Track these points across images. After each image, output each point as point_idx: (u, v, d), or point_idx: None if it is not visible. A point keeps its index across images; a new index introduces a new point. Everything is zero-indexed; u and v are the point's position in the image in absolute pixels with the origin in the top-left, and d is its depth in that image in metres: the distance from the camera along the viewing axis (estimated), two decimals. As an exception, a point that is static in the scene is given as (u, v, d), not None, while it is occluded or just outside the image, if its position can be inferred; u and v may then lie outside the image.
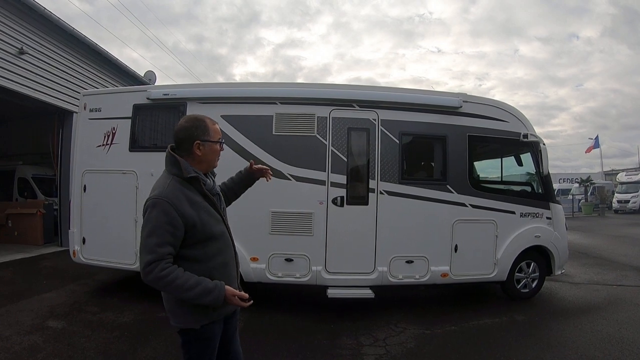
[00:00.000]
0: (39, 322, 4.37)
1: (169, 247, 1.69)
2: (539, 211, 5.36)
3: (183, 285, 1.67)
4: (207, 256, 1.80)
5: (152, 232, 1.68)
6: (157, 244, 1.66)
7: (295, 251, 4.79)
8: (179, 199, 1.73)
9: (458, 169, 5.08)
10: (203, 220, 1.78)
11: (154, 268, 1.65)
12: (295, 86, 5.25)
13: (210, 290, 1.70)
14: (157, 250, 1.66)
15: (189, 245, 1.77)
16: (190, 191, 1.79)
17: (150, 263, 1.65)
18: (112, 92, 6.01)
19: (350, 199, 4.89)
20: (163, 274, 1.64)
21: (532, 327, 4.50)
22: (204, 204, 1.83)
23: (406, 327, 4.42)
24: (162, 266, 1.65)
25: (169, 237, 1.68)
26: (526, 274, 5.43)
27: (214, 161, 1.94)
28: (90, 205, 5.18)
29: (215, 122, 1.94)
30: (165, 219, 1.68)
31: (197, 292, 1.68)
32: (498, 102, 5.41)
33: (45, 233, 9.54)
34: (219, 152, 1.93)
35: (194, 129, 1.84)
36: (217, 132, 1.91)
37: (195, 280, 1.69)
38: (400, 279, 4.90)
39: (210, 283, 1.72)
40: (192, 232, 1.75)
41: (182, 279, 1.67)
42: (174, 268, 1.68)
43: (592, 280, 6.76)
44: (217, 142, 1.90)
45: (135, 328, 4.29)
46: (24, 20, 8.07)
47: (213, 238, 1.83)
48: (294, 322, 4.55)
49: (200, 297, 1.69)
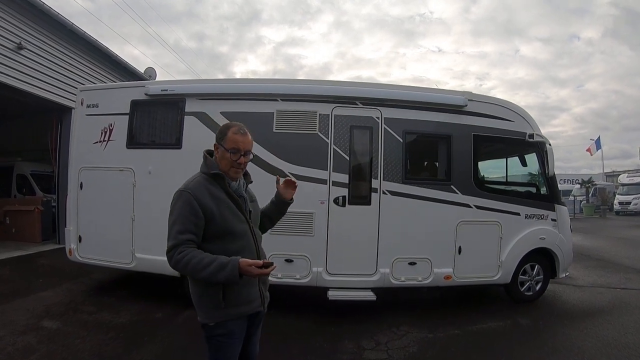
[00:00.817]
0: (34, 322, 4.31)
1: (190, 234, 1.78)
2: (544, 213, 5.28)
3: (199, 264, 1.72)
4: (226, 253, 1.81)
5: (175, 221, 1.80)
6: (178, 231, 1.78)
7: (296, 252, 4.71)
8: (200, 192, 1.84)
9: (462, 169, 5.00)
10: (223, 214, 1.85)
11: (174, 253, 1.76)
12: (297, 83, 5.17)
13: (225, 265, 1.72)
14: (178, 237, 1.77)
15: (209, 238, 1.84)
16: (214, 187, 1.89)
17: (171, 249, 1.77)
18: (109, 88, 5.93)
19: (353, 198, 4.81)
20: (180, 256, 1.74)
21: (536, 331, 4.44)
22: (227, 201, 1.90)
23: (408, 331, 4.35)
24: (180, 249, 1.75)
25: (190, 225, 1.78)
26: (530, 277, 5.35)
27: (225, 167, 1.94)
28: (87, 203, 5.09)
29: (240, 134, 1.93)
30: (187, 208, 1.80)
31: (212, 269, 1.72)
32: (504, 101, 5.34)
33: (43, 230, 9.43)
34: (230, 161, 1.92)
35: (219, 132, 1.97)
36: (232, 141, 1.91)
37: (211, 258, 1.74)
38: (402, 281, 4.82)
39: (224, 259, 1.74)
40: (212, 224, 1.82)
41: (197, 258, 1.73)
42: (190, 250, 1.76)
43: (596, 283, 6.70)
44: (227, 150, 1.91)
45: (131, 329, 4.22)
46: (22, 15, 7.97)
47: (233, 235, 1.88)
48: (295, 324, 4.47)
49: (216, 274, 1.72)
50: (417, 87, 5.31)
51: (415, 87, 5.28)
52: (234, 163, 1.92)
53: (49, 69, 8.66)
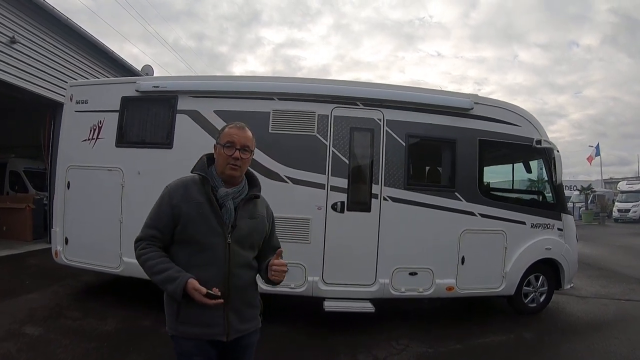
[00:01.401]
0: (15, 328, 4.13)
1: (155, 230, 1.74)
2: (550, 222, 5.12)
3: (153, 267, 1.68)
4: (188, 264, 1.70)
5: (149, 213, 1.80)
6: (146, 225, 1.78)
7: (290, 260, 4.35)
8: (177, 190, 1.77)
9: (467, 175, 4.82)
10: (191, 219, 1.71)
11: (137, 246, 1.75)
12: (295, 81, 4.97)
13: (173, 279, 1.62)
14: (145, 230, 1.77)
15: (176, 243, 1.77)
16: (195, 190, 1.76)
17: (137, 241, 1.77)
18: (100, 84, 5.73)
19: (351, 204, 4.61)
20: (141, 252, 1.72)
21: (541, 346, 4.31)
22: (204, 206, 1.73)
23: (408, 345, 4.17)
24: (143, 245, 1.73)
25: (158, 221, 1.74)
26: (534, 288, 5.19)
27: (221, 166, 1.79)
28: (74, 203, 4.88)
29: (235, 128, 1.81)
30: (160, 203, 1.77)
31: (162, 277, 1.64)
32: (511, 104, 5.17)
33: (34, 229, 9.25)
34: (225, 157, 1.76)
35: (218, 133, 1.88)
36: (227, 135, 1.79)
37: (165, 266, 1.67)
38: (402, 291, 4.63)
39: (176, 272, 1.64)
40: (180, 226, 1.73)
41: (154, 261, 1.69)
42: (152, 249, 1.72)
43: (599, 294, 6.60)
44: (222, 145, 1.77)
45: (116, 338, 4.03)
46: (16, 8, 7.83)
47: (198, 245, 1.72)
48: (289, 335, 4.28)
49: (164, 283, 1.64)
50: (422, 88, 5.15)
51: (420, 88, 5.12)
52: (229, 159, 1.74)
53: (42, 64, 8.51)
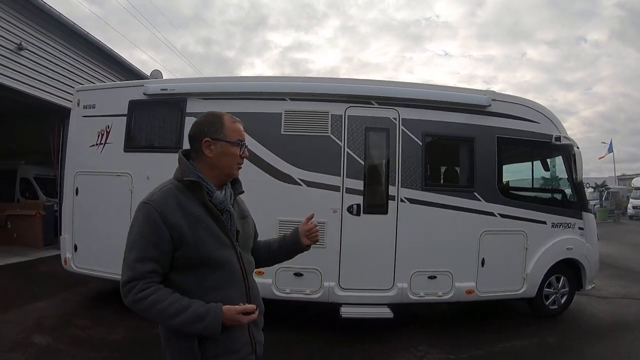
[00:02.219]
0: (23, 337, 4.05)
1: (152, 263, 1.35)
2: (571, 221, 4.96)
3: (166, 310, 1.31)
4: (202, 288, 1.40)
5: (133, 244, 1.37)
6: (136, 259, 1.35)
7: (306, 265, 4.35)
8: (168, 206, 1.39)
9: (486, 175, 4.67)
10: (198, 237, 1.39)
11: (131, 289, 1.32)
12: (307, 81, 4.84)
13: (203, 315, 1.32)
14: (136, 266, 1.34)
15: (179, 268, 1.40)
16: (189, 199, 1.43)
17: (128, 282, 1.34)
18: (107, 88, 5.66)
19: (368, 207, 4.47)
20: (140, 296, 1.31)
21: (565, 350, 4.18)
22: (205, 219, 1.43)
23: (428, 351, 4.03)
24: (141, 287, 1.32)
25: (152, 250, 1.35)
26: (556, 289, 5.03)
27: (229, 167, 1.53)
28: (83, 210, 4.82)
29: (238, 121, 1.56)
30: (148, 228, 1.36)
31: (185, 318, 1.32)
32: (529, 101, 5.02)
33: (45, 236, 9.20)
34: (237, 157, 1.52)
35: (206, 124, 1.52)
36: (236, 131, 1.53)
37: (182, 304, 1.33)
38: (421, 296, 4.48)
39: (202, 306, 1.34)
40: (183, 250, 1.38)
41: (165, 302, 1.32)
42: (155, 289, 1.34)
43: (620, 294, 6.46)
44: (233, 143, 1.50)
45: (125, 347, 3.95)
46: (23, 15, 7.84)
47: (211, 265, 1.42)
48: (303, 343, 4.16)
49: (189, 325, 1.32)
50: (437, 85, 5.00)
51: (435, 85, 4.97)
52: (239, 159, 1.54)
53: (50, 70, 8.52)
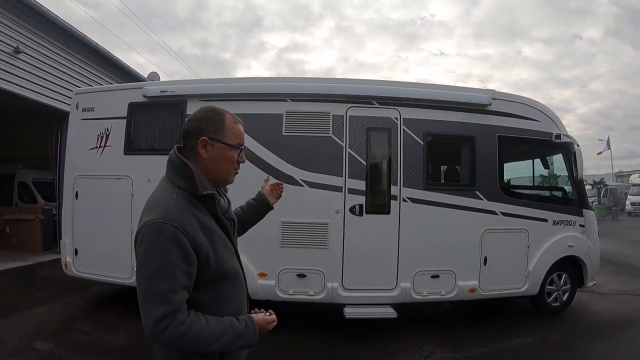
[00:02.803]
0: (25, 343, 4.03)
1: (185, 291, 1.22)
2: (572, 218, 4.97)
3: (210, 336, 1.22)
4: (219, 301, 1.34)
5: (161, 272, 1.18)
6: (169, 290, 1.18)
7: (309, 266, 4.37)
8: (190, 224, 1.24)
9: (487, 173, 4.67)
10: (218, 253, 1.31)
11: (169, 324, 1.16)
12: (308, 81, 4.85)
13: (243, 331, 1.29)
14: (171, 299, 1.17)
15: (198, 287, 1.28)
16: (202, 212, 1.31)
17: (164, 318, 1.16)
18: (106, 90, 5.59)
19: (370, 207, 4.47)
20: (182, 329, 1.17)
21: (567, 347, 4.20)
22: (218, 231, 1.36)
23: (432, 351, 4.03)
24: (181, 319, 1.18)
25: (184, 277, 1.21)
26: (557, 287, 5.04)
27: (226, 172, 1.41)
28: (83, 214, 4.77)
29: (240, 122, 1.44)
30: (176, 252, 1.19)
31: (229, 338, 1.26)
32: (529, 99, 5.02)
33: (44, 240, 9.17)
34: (234, 162, 1.41)
35: (205, 121, 1.37)
36: (237, 133, 1.40)
37: (221, 326, 1.26)
38: (424, 295, 4.47)
39: (237, 323, 1.30)
40: (205, 269, 1.28)
41: (207, 330, 1.22)
42: (192, 318, 1.21)
43: (621, 291, 6.48)
44: (232, 146, 1.38)
45: (128, 352, 3.91)
46: (20, 17, 7.75)
47: (226, 277, 1.36)
48: (307, 344, 4.15)
49: (231, 345, 1.27)
50: (438, 84, 4.99)
51: (436, 84, 4.96)
52: (236, 165, 1.43)
53: (47, 73, 8.44)
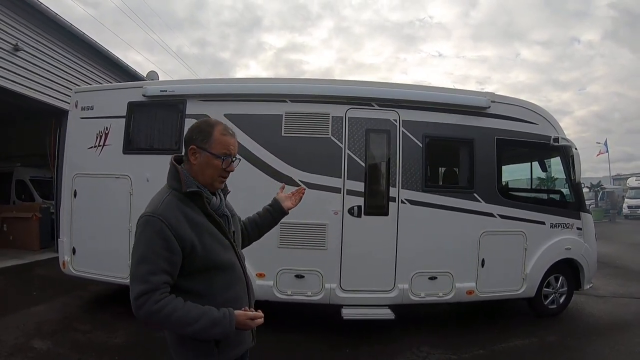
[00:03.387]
0: (22, 342, 4.01)
1: (164, 275, 1.40)
2: (569, 221, 5.00)
3: (183, 318, 1.39)
4: (213, 290, 1.50)
5: (143, 257, 1.40)
6: (149, 272, 1.38)
7: (307, 267, 4.37)
8: (176, 218, 1.44)
9: (486, 176, 4.69)
10: (206, 244, 1.48)
11: (145, 301, 1.36)
12: (308, 82, 4.83)
13: (219, 320, 1.42)
14: (150, 279, 1.38)
15: (188, 275, 1.47)
16: (191, 209, 1.50)
17: (142, 295, 1.37)
18: (105, 89, 5.60)
19: (369, 208, 4.48)
20: (157, 307, 1.36)
21: (565, 349, 4.20)
22: (208, 226, 1.53)
23: (430, 352, 4.03)
24: (156, 298, 1.37)
25: (164, 263, 1.40)
26: (554, 289, 5.07)
27: (210, 178, 1.56)
28: (81, 213, 4.76)
29: (229, 134, 1.58)
30: (158, 241, 1.40)
31: (203, 324, 1.40)
32: (527, 102, 5.04)
33: (41, 238, 9.15)
34: (219, 169, 1.55)
35: (197, 131, 1.57)
36: (222, 144, 1.55)
37: (198, 312, 1.41)
38: (422, 297, 4.49)
39: (216, 312, 1.44)
40: (192, 258, 1.46)
41: (182, 311, 1.39)
42: (169, 299, 1.39)
43: (618, 293, 6.50)
44: (215, 155, 1.53)
45: (127, 352, 3.90)
46: (19, 15, 7.72)
47: (219, 268, 1.53)
48: (305, 345, 4.15)
49: (206, 330, 1.41)
50: (437, 87, 5.01)
51: (435, 87, 4.98)
52: (223, 172, 1.57)
53: (46, 71, 8.41)
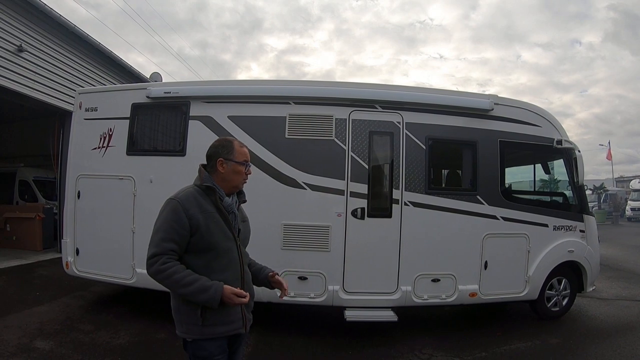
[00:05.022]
0: (25, 342, 4.01)
1: (173, 243, 1.78)
2: (572, 224, 4.99)
3: (180, 280, 1.73)
4: (208, 269, 1.82)
5: (160, 228, 1.81)
6: (162, 239, 1.78)
7: (310, 268, 4.37)
8: (189, 202, 1.84)
9: (489, 178, 4.67)
10: (209, 227, 1.83)
11: (155, 261, 1.75)
12: (311, 84, 4.80)
13: (207, 288, 1.74)
14: (161, 244, 1.77)
15: (192, 252, 1.83)
16: (204, 200, 1.88)
17: (154, 256, 1.76)
18: (109, 90, 5.58)
19: (372, 210, 4.47)
20: (162, 267, 1.74)
21: (567, 351, 4.19)
22: (215, 216, 1.88)
23: (432, 354, 4.03)
24: (164, 260, 1.75)
25: (174, 234, 1.78)
26: (557, 292, 5.05)
27: (237, 181, 1.99)
28: (85, 213, 4.78)
29: (244, 146, 2.03)
30: (173, 217, 1.80)
31: (194, 288, 1.73)
32: (531, 105, 5.02)
33: (44, 238, 9.17)
34: (243, 174, 1.99)
35: (221, 147, 1.97)
36: (243, 154, 1.99)
37: (193, 278, 1.75)
38: (425, 299, 4.48)
39: (207, 281, 1.76)
40: (197, 237, 1.81)
41: (180, 274, 1.74)
42: (173, 263, 1.76)
43: (620, 296, 6.49)
44: (240, 163, 1.96)
45: (130, 352, 3.90)
46: (22, 16, 7.75)
47: (217, 251, 1.86)
48: (308, 347, 4.14)
49: (196, 294, 1.74)
50: (441, 89, 5.02)
51: (439, 89, 4.99)
52: (245, 176, 2.00)
53: (50, 72, 8.42)
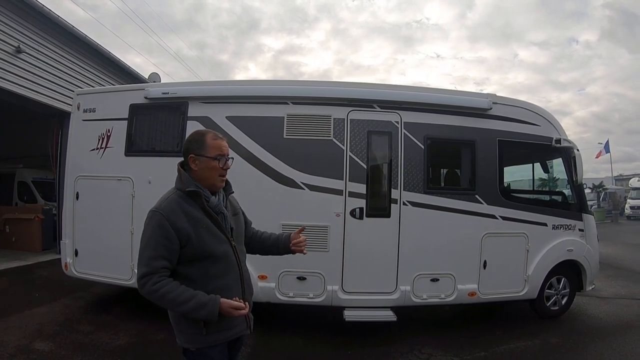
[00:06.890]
0: (25, 343, 4.02)
1: (163, 260, 1.68)
2: (571, 223, 4.99)
3: (176, 299, 1.65)
4: (206, 277, 1.75)
5: (147, 245, 1.70)
6: (150, 257, 1.68)
7: (309, 269, 4.36)
8: (174, 213, 1.71)
9: (487, 177, 4.67)
10: (200, 236, 1.73)
11: (146, 282, 1.66)
12: (309, 84, 4.80)
13: (204, 304, 1.66)
14: (151, 263, 1.67)
15: (185, 262, 1.74)
16: (190, 206, 1.75)
17: (144, 276, 1.67)
18: (107, 91, 5.59)
19: (371, 210, 4.47)
20: (154, 287, 1.65)
21: (567, 350, 4.19)
22: (205, 221, 1.77)
23: (432, 354, 4.03)
24: (155, 280, 1.65)
25: (163, 250, 1.68)
26: (556, 291, 5.05)
27: (212, 179, 1.82)
28: (83, 215, 4.78)
29: (219, 138, 1.85)
30: (160, 232, 1.68)
31: (191, 306, 1.65)
32: (529, 104, 5.02)
33: (43, 239, 9.19)
34: (218, 169, 1.81)
35: (192, 142, 1.84)
36: (216, 147, 1.81)
37: (189, 295, 1.67)
38: (424, 299, 4.48)
39: (204, 297, 1.68)
40: (188, 248, 1.72)
41: (175, 293, 1.66)
42: (166, 282, 1.67)
43: (620, 294, 6.49)
44: (212, 158, 1.79)
45: (130, 353, 3.91)
46: (21, 17, 7.74)
47: (212, 258, 1.77)
48: (307, 347, 4.15)
49: (194, 311, 1.66)
50: (439, 89, 5.00)
51: (437, 89, 4.97)
52: (220, 171, 1.82)
53: (48, 73, 8.42)
